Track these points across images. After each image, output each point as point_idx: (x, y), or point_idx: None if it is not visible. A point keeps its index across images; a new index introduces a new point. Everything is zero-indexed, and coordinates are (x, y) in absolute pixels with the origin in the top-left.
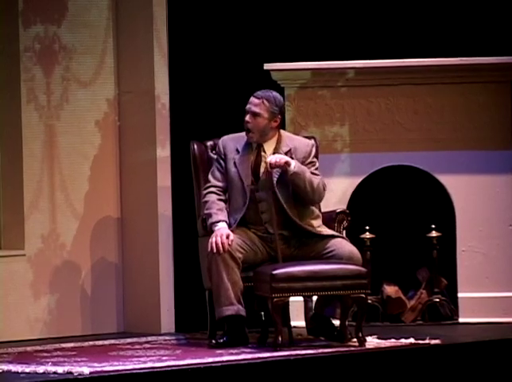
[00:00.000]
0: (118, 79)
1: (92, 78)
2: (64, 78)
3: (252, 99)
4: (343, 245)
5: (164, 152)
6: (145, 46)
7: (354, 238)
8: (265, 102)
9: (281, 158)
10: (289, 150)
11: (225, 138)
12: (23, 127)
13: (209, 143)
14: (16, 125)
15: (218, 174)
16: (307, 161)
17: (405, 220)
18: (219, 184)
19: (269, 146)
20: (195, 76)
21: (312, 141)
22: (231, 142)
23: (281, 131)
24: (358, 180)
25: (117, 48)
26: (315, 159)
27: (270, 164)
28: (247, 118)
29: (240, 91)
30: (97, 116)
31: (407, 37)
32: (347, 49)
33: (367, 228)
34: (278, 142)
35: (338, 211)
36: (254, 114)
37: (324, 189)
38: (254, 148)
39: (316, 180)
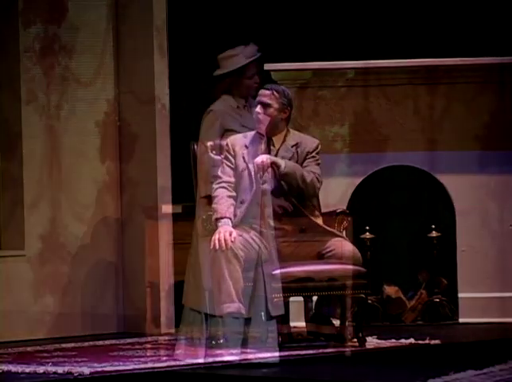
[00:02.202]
0: (118, 80)
1: (92, 78)
2: (64, 78)
3: (262, 90)
4: (343, 245)
5: (164, 152)
6: (145, 46)
7: (354, 238)
8: (274, 93)
9: (267, 158)
10: (296, 144)
11: (232, 137)
12: (23, 127)
13: (209, 143)
14: (16, 125)
15: (228, 170)
16: (310, 156)
17: (405, 220)
18: (230, 179)
19: (277, 140)
20: (196, 76)
21: (318, 140)
22: (239, 140)
23: (289, 127)
24: (358, 180)
25: (117, 48)
26: (318, 156)
27: (257, 165)
28: (258, 109)
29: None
30: (97, 116)
31: (407, 37)
32: (347, 49)
33: (367, 228)
34: (286, 136)
35: (338, 211)
36: (265, 105)
37: (319, 182)
38: (262, 142)
39: (309, 176)
